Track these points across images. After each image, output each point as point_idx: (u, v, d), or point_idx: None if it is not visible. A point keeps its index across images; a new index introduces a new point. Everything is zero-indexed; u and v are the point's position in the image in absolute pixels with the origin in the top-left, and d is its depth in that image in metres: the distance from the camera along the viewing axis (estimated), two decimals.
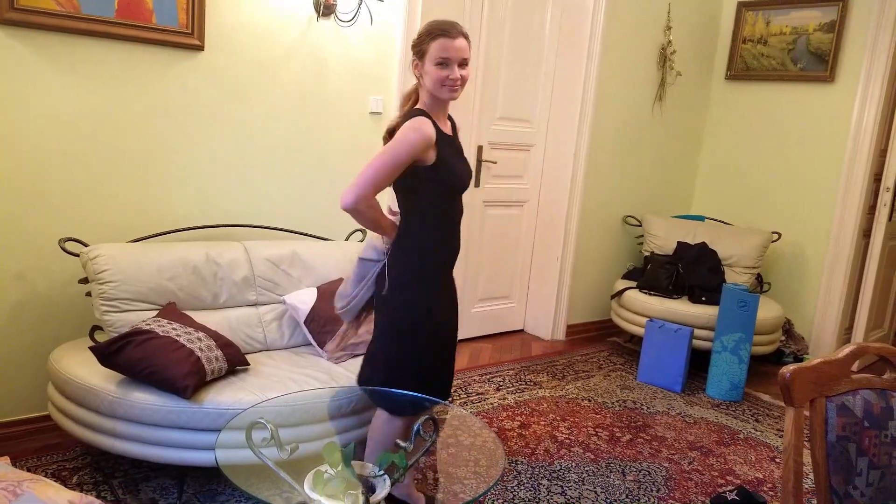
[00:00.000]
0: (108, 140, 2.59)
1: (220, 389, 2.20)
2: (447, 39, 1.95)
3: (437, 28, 1.97)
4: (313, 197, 3.16)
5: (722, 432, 3.20)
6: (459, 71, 1.97)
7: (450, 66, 1.96)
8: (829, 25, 4.13)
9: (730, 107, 4.68)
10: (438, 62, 1.95)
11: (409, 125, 1.96)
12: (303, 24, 2.95)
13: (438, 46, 1.95)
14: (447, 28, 1.96)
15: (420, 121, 1.96)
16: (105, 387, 2.14)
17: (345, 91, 3.15)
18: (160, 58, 2.64)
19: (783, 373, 1.33)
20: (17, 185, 2.43)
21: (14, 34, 2.34)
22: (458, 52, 1.95)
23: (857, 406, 1.37)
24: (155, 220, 2.73)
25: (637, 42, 4.25)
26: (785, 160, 4.40)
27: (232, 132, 2.87)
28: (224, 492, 2.35)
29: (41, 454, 2.48)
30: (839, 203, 4.13)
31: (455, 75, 1.96)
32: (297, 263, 2.80)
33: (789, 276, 4.39)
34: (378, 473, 1.74)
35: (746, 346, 3.56)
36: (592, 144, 4.14)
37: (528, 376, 3.65)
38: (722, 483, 2.74)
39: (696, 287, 3.95)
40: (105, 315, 2.35)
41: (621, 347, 4.32)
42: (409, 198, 2.06)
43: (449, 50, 1.94)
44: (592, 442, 2.98)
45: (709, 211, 4.76)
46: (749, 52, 4.53)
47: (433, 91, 2.00)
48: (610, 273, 4.50)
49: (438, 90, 1.99)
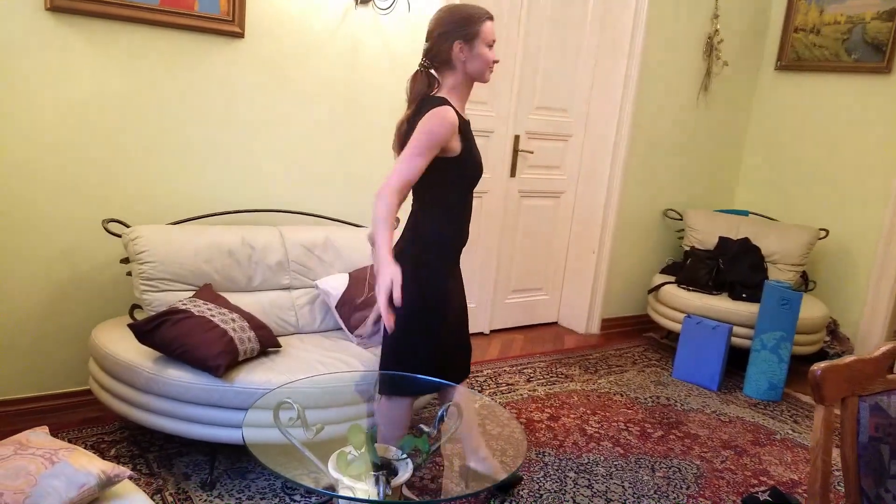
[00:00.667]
0: (149, 125, 2.66)
1: (252, 369, 2.25)
2: (492, 23, 2.02)
3: (480, 11, 2.01)
4: (347, 184, 3.19)
5: (758, 432, 3.12)
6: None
7: (491, 49, 2.03)
8: (889, 14, 3.95)
9: (779, 99, 4.53)
10: (490, 44, 2.01)
11: (434, 115, 1.94)
12: (341, 11, 2.97)
13: (489, 29, 2.00)
14: (487, 12, 2.01)
15: (445, 110, 1.96)
16: (142, 363, 2.21)
17: (381, 79, 3.16)
18: (201, 44, 2.69)
19: (814, 369, 1.29)
20: (61, 166, 2.52)
21: (63, 20, 2.42)
22: (493, 34, 2.02)
23: (891, 407, 1.32)
24: (193, 204, 2.80)
25: (682, 31, 4.15)
26: (835, 155, 4.25)
27: (270, 119, 2.92)
28: (254, 470, 2.40)
29: (83, 426, 2.58)
30: (891, 201, 3.96)
31: (496, 58, 2.04)
32: (330, 249, 2.84)
33: (836, 275, 4.24)
34: (401, 457, 1.76)
35: (787, 345, 3.46)
36: (633, 135, 4.07)
37: (559, 369, 3.63)
38: (755, 483, 2.67)
39: (737, 283, 3.85)
40: (144, 294, 2.42)
41: (657, 343, 4.25)
42: (431, 190, 2.05)
43: (494, 32, 2.02)
44: (622, 437, 2.94)
45: (753, 206, 4.63)
46: (801, 42, 4.38)
47: (478, 74, 2.04)
48: (648, 267, 4.43)
49: (484, 73, 2.04)
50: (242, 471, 2.40)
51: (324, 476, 1.77)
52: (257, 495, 2.27)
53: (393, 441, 1.91)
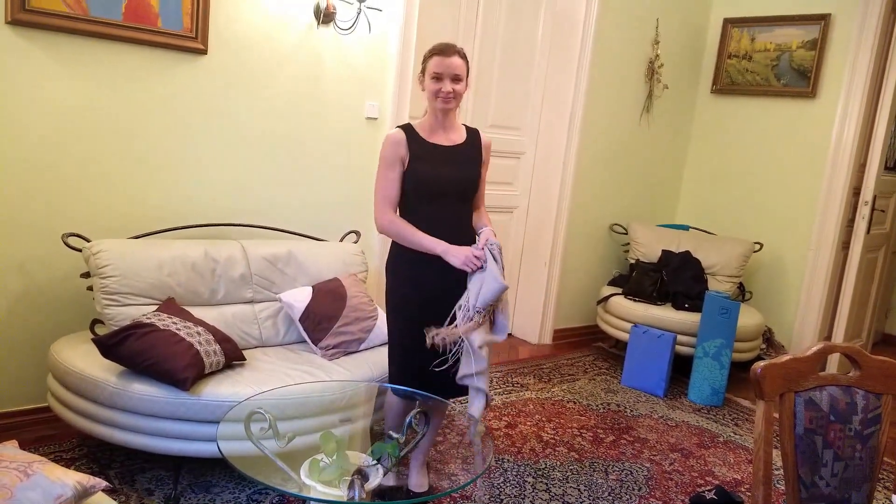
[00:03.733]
0: (111, 138, 2.66)
1: (218, 382, 2.26)
2: (442, 57, 2.18)
3: (436, 48, 2.23)
4: (310, 198, 3.24)
5: (702, 435, 3.30)
6: (452, 85, 2.19)
7: (443, 81, 2.18)
8: (812, 43, 4.28)
9: (715, 120, 4.82)
10: (433, 76, 2.20)
11: (385, 137, 2.28)
12: (303, 30, 3.04)
13: (434, 63, 2.20)
14: (444, 48, 2.21)
15: (392, 132, 2.27)
16: (105, 378, 2.20)
17: (342, 96, 3.24)
18: (164, 60, 2.71)
19: (755, 368, 1.42)
20: (20, 179, 2.49)
21: (24, 34, 2.41)
22: (451, 68, 2.18)
23: (823, 401, 1.47)
24: (155, 218, 2.80)
25: (626, 55, 4.38)
26: (767, 173, 4.54)
27: (232, 134, 2.95)
28: (218, 483, 2.41)
29: (38, 444, 2.52)
30: (819, 215, 4.26)
31: (447, 88, 2.19)
32: (293, 262, 2.88)
33: (770, 286, 4.51)
34: (371, 463, 1.82)
35: (727, 352, 3.67)
36: (581, 153, 4.25)
37: (515, 378, 3.74)
38: (701, 483, 2.83)
39: (680, 294, 4.06)
40: (106, 309, 2.41)
41: (606, 352, 4.42)
42: (400, 201, 2.29)
43: (441, 66, 2.17)
44: (577, 442, 3.06)
45: (693, 221, 4.88)
46: (734, 68, 4.67)
47: (430, 102, 2.26)
48: (596, 279, 4.61)
49: (433, 101, 2.23)
50: (206, 485, 2.40)
51: (295, 484, 1.81)
52: None
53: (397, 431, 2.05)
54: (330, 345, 2.66)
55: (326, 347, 2.66)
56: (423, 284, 2.25)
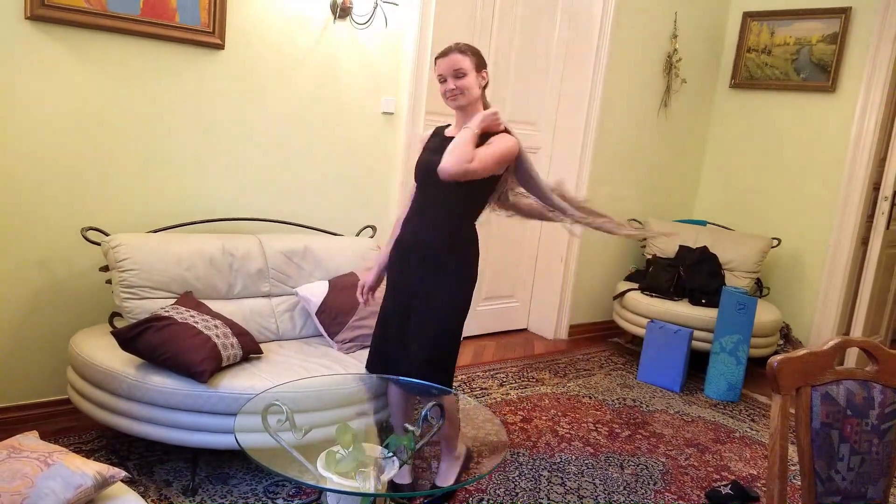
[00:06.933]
0: (129, 133, 2.69)
1: (235, 375, 2.29)
2: (442, 58, 2.23)
3: (438, 52, 2.27)
4: (326, 193, 3.25)
5: (718, 431, 3.28)
6: (455, 81, 2.22)
7: (447, 81, 2.22)
8: (832, 37, 4.22)
9: (733, 115, 4.77)
10: (439, 79, 2.26)
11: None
12: (319, 25, 3.05)
13: (437, 66, 2.26)
14: (443, 50, 2.25)
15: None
16: (124, 370, 2.24)
17: (358, 91, 3.25)
18: (182, 55, 2.74)
19: (771, 362, 1.41)
20: (40, 174, 2.53)
21: (43, 29, 2.44)
22: (450, 66, 2.21)
23: (840, 395, 1.46)
24: (173, 212, 2.83)
25: (644, 50, 4.34)
26: (786, 168, 4.49)
27: (249, 129, 2.97)
28: (236, 475, 2.44)
29: (58, 436, 2.57)
30: (838, 211, 4.20)
31: (450, 86, 2.22)
32: (310, 257, 2.89)
33: (788, 282, 4.46)
34: (387, 455, 1.83)
35: (744, 347, 3.64)
36: (597, 148, 4.23)
37: (530, 373, 3.74)
38: (717, 478, 2.82)
39: (697, 290, 4.04)
40: (125, 302, 2.44)
41: (622, 348, 4.40)
42: None
43: (442, 67, 2.22)
44: (592, 437, 3.06)
45: (711, 216, 4.84)
46: (753, 62, 4.62)
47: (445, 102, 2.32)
48: (613, 275, 4.59)
49: (444, 101, 2.29)
50: (224, 476, 2.43)
51: (312, 476, 1.82)
52: (240, 500, 2.31)
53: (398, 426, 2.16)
54: (346, 338, 2.68)
55: (343, 341, 2.68)
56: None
